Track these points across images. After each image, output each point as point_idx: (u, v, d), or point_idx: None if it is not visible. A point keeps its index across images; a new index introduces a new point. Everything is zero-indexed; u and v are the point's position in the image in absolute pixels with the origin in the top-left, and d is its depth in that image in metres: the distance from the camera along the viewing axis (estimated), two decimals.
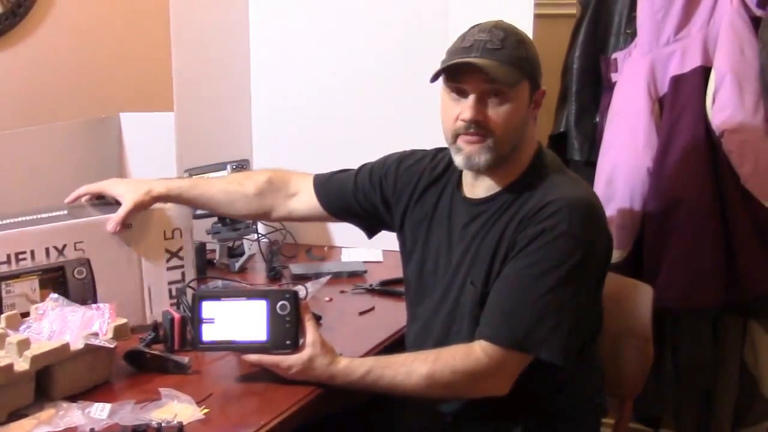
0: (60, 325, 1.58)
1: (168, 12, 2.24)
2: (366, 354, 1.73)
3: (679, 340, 2.40)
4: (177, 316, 1.69)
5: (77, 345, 1.51)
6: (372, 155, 1.88)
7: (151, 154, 2.49)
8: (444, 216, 1.68)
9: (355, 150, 2.04)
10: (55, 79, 2.38)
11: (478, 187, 1.63)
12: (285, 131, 2.56)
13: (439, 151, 1.75)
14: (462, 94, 1.54)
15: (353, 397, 1.59)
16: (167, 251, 1.82)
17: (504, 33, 1.53)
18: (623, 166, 2.20)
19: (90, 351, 1.52)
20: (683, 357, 2.40)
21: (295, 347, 1.56)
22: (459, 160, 1.58)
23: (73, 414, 1.43)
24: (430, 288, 1.70)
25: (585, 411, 1.68)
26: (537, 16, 2.19)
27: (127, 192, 1.80)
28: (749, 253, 2.13)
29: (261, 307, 1.57)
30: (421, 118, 1.97)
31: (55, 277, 1.71)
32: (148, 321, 1.80)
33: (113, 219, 1.76)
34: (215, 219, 2.32)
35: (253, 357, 1.57)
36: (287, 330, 1.56)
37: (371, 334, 1.84)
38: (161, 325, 1.71)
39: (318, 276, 2.16)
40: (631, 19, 2.27)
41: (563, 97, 2.45)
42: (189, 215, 1.87)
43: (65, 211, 1.80)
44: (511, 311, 1.51)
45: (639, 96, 2.18)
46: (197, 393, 1.51)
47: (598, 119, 2.37)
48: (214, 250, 2.34)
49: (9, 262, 1.67)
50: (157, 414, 1.43)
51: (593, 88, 2.38)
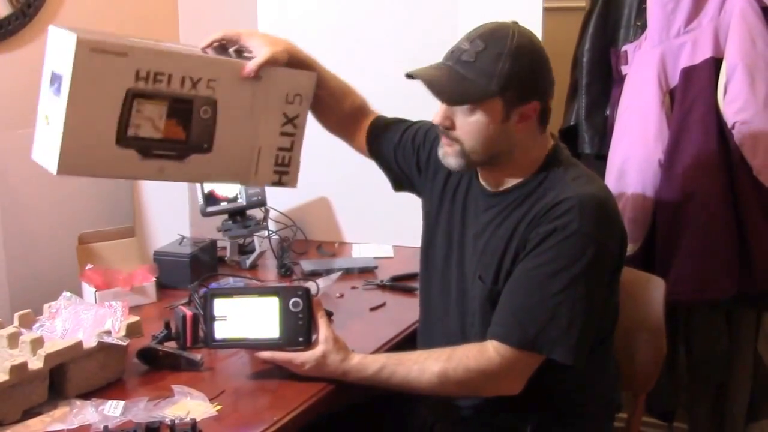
0: (73, 324, 1.59)
1: (177, 13, 2.23)
2: (378, 350, 1.73)
3: (693, 333, 2.39)
4: (189, 313, 1.69)
5: (90, 343, 1.52)
6: None
7: None
8: (461, 200, 1.69)
9: None
10: None
11: (489, 180, 1.64)
12: None
13: None
14: None
15: (365, 392, 1.59)
16: (284, 115, 1.74)
17: (485, 45, 1.50)
18: (634, 158, 2.19)
19: (103, 349, 1.53)
20: (696, 350, 2.39)
21: (308, 344, 1.56)
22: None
23: (87, 412, 1.44)
24: (443, 269, 1.70)
25: (599, 408, 1.68)
26: (546, 10, 2.18)
27: (265, 44, 1.72)
28: (762, 245, 2.11)
29: (273, 304, 1.57)
30: (428, 116, 1.96)
31: (184, 109, 1.62)
32: (249, 182, 1.75)
33: (250, 64, 1.68)
34: (226, 216, 2.32)
35: (265, 354, 1.57)
36: (300, 327, 1.56)
37: (383, 330, 1.85)
38: (173, 322, 1.71)
39: (329, 272, 2.17)
40: (641, 10, 2.25)
41: (573, 91, 2.44)
42: (313, 85, 1.78)
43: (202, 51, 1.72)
44: (523, 311, 1.50)
45: (650, 88, 2.17)
46: (210, 390, 1.52)
47: (608, 112, 2.36)
48: (225, 248, 2.34)
49: (147, 79, 1.57)
50: (171, 411, 1.44)
51: (603, 81, 2.36)
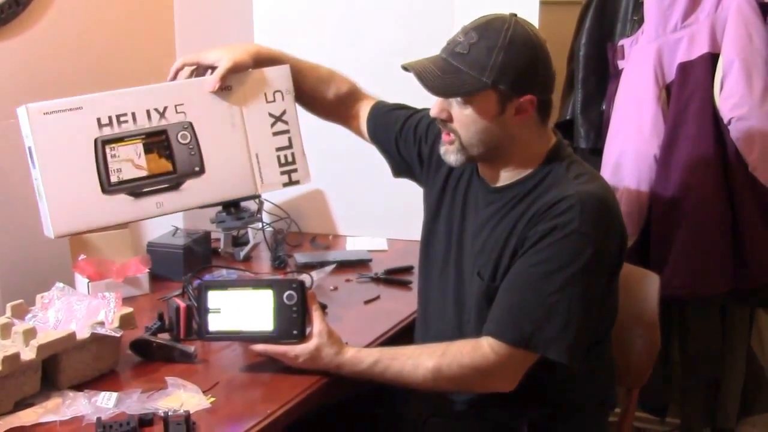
0: (66, 314, 1.58)
1: (173, 1, 2.23)
2: (372, 343, 1.73)
3: (687, 328, 2.40)
4: (182, 305, 1.68)
5: (83, 334, 1.51)
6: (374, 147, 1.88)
7: None
8: (461, 194, 1.68)
9: (358, 141, 2.03)
10: (60, 68, 2.37)
11: (489, 176, 1.63)
12: None
13: None
14: None
15: (359, 385, 1.59)
16: (270, 115, 1.74)
17: (478, 36, 1.49)
18: (630, 153, 2.19)
19: (96, 340, 1.52)
20: (690, 346, 2.40)
21: (302, 337, 1.55)
22: None
23: (80, 403, 1.43)
24: (442, 263, 1.70)
25: (594, 405, 1.68)
26: (543, 3, 2.18)
27: (224, 53, 1.74)
28: (757, 240, 2.12)
29: (267, 296, 1.56)
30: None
31: (160, 141, 1.64)
32: (259, 190, 1.74)
33: (211, 78, 1.69)
34: (219, 208, 2.31)
35: (259, 347, 1.57)
36: (294, 320, 1.56)
37: (377, 323, 1.84)
38: (167, 314, 1.71)
39: (323, 265, 2.16)
40: (638, 5, 2.25)
41: (569, 85, 2.44)
42: (288, 77, 1.78)
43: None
44: (519, 309, 1.50)
45: (646, 83, 2.17)
46: (203, 382, 1.52)
47: (604, 107, 2.35)
48: (218, 239, 2.33)
49: (111, 124, 1.60)
50: (164, 403, 1.43)
51: (600, 76, 2.36)
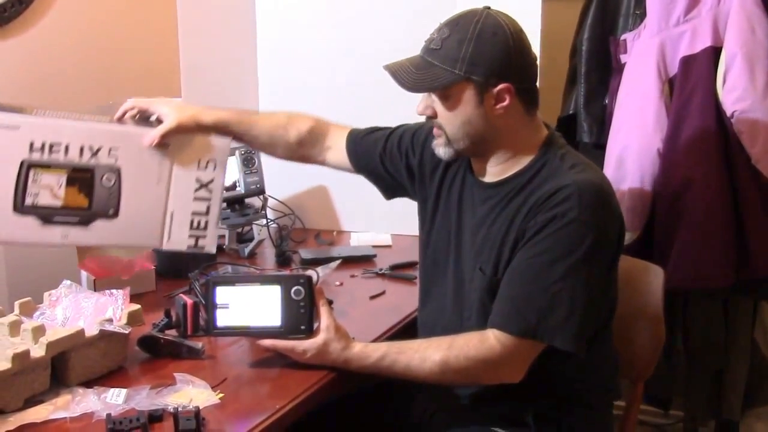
0: (73, 312, 1.59)
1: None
2: (378, 338, 1.74)
3: (690, 321, 2.40)
4: (190, 301, 1.69)
5: (92, 331, 1.51)
6: None
7: None
8: (456, 196, 1.69)
9: None
10: (62, 67, 2.37)
11: (484, 172, 1.63)
12: None
13: None
14: None
15: (367, 380, 1.60)
16: (197, 180, 1.77)
17: (450, 31, 1.52)
18: (633, 147, 2.19)
19: (104, 337, 1.53)
20: (694, 338, 2.40)
21: (310, 332, 1.56)
22: None
23: (89, 400, 1.43)
24: (441, 267, 1.70)
25: (598, 396, 1.68)
26: None
27: (172, 111, 1.76)
28: (760, 233, 2.12)
29: (275, 292, 1.57)
30: None
31: (84, 177, 1.67)
32: (163, 246, 1.76)
33: (152, 133, 1.72)
34: (224, 205, 2.32)
35: (267, 342, 1.58)
36: (301, 315, 1.56)
37: (383, 319, 1.85)
38: (174, 310, 1.71)
39: (328, 261, 2.16)
40: None
41: (572, 80, 2.44)
42: (227, 150, 1.82)
43: (107, 120, 1.76)
44: (523, 300, 1.50)
45: (649, 77, 2.17)
46: (211, 378, 1.52)
47: (607, 101, 2.35)
48: (223, 236, 2.34)
49: (42, 150, 1.63)
50: (173, 399, 1.44)
51: (602, 70, 2.36)
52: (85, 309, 1.59)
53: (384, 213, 2.46)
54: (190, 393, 1.46)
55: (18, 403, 1.41)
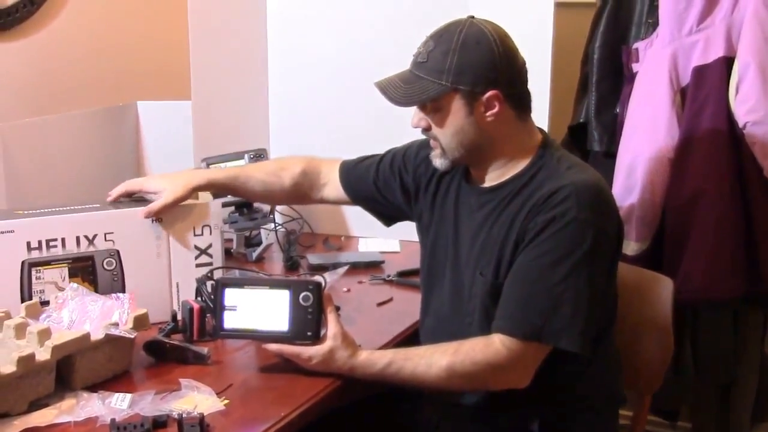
0: (80, 315, 1.58)
1: (186, 0, 2.23)
2: (385, 345, 1.73)
3: (699, 332, 2.39)
4: (196, 306, 1.68)
5: (98, 335, 1.51)
6: (388, 143, 1.87)
7: (168, 143, 2.49)
8: (451, 205, 1.69)
9: (372, 137, 2.03)
10: (73, 68, 2.38)
11: (481, 178, 1.64)
12: (302, 120, 2.55)
13: None
14: None
15: (372, 388, 1.59)
16: (196, 248, 1.82)
17: (434, 43, 1.54)
18: (644, 156, 2.18)
19: (110, 341, 1.52)
20: (703, 350, 2.39)
21: (317, 339, 1.55)
22: None
23: (94, 404, 1.43)
24: (440, 276, 1.70)
25: (603, 400, 1.68)
26: (558, 5, 2.16)
27: (166, 185, 1.79)
28: None
29: (284, 297, 1.56)
30: None
31: (85, 266, 1.73)
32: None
33: (148, 208, 1.75)
34: (233, 208, 2.32)
35: (273, 346, 1.57)
36: (309, 321, 1.55)
37: (390, 325, 1.84)
38: (180, 315, 1.71)
39: (335, 266, 2.16)
40: (653, 8, 2.24)
41: (583, 88, 2.43)
42: (218, 213, 1.87)
43: (98, 204, 1.81)
44: (526, 302, 1.50)
45: (661, 86, 2.16)
46: (217, 384, 1.51)
47: (618, 110, 2.35)
48: (231, 240, 2.33)
49: (40, 248, 1.69)
50: (178, 405, 1.43)
51: (614, 79, 2.35)
52: (91, 312, 1.58)
53: None
54: (195, 399, 1.45)
55: (23, 406, 1.40)
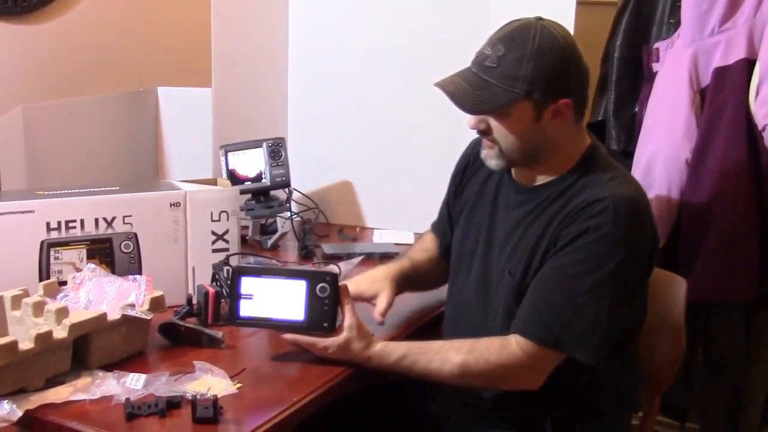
0: (97, 295, 1.60)
1: None
2: (398, 337, 1.74)
3: (712, 333, 2.38)
4: (211, 290, 1.70)
5: (114, 315, 1.52)
6: (409, 132, 1.87)
7: (187, 129, 2.51)
8: (490, 194, 1.69)
9: (390, 129, 2.03)
10: (94, 52, 2.39)
11: (524, 177, 1.63)
12: (321, 110, 2.56)
13: None
14: None
15: (386, 376, 1.60)
16: (213, 233, 1.83)
17: (505, 49, 1.49)
18: (661, 156, 2.18)
19: (126, 322, 1.54)
20: (715, 351, 2.38)
21: (332, 330, 1.56)
22: None
23: (109, 383, 1.44)
24: (466, 264, 1.70)
25: (618, 406, 1.68)
26: (579, 3, 2.16)
27: (382, 287, 1.76)
28: None
29: (300, 287, 1.57)
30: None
31: (103, 248, 1.75)
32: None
33: (380, 313, 1.71)
34: (249, 196, 2.33)
35: (289, 336, 1.58)
36: (325, 312, 1.56)
37: (403, 317, 1.85)
38: (195, 299, 1.72)
39: (350, 256, 2.17)
40: (675, 8, 2.24)
41: (602, 86, 2.42)
42: (236, 200, 1.88)
43: (117, 187, 1.83)
44: (548, 308, 1.50)
45: (680, 86, 2.15)
46: (230, 368, 1.52)
47: (637, 109, 2.34)
48: (247, 227, 2.35)
49: (59, 228, 1.71)
50: (192, 387, 1.44)
51: (633, 78, 2.35)
52: (108, 293, 1.60)
53: (407, 211, 2.47)
54: (209, 381, 1.46)
55: (39, 382, 1.42)
